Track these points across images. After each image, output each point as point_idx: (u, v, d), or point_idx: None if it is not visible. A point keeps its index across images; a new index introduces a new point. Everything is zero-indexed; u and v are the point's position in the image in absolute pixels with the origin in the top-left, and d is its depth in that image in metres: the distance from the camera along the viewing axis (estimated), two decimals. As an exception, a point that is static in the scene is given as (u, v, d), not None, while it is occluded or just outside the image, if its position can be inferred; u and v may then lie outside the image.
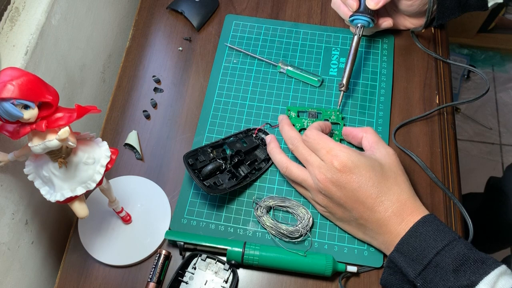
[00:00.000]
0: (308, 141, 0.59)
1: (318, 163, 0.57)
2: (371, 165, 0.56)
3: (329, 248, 0.60)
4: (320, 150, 0.57)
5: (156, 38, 0.78)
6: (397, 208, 0.54)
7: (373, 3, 0.67)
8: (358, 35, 0.68)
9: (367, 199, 0.55)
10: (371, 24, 0.69)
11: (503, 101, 1.76)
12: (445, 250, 0.50)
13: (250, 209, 0.63)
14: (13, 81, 0.40)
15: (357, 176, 0.55)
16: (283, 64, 0.73)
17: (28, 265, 0.60)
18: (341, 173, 0.55)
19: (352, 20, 0.70)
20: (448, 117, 0.70)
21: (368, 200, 0.55)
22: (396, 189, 0.55)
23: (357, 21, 0.69)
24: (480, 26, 1.75)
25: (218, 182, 0.63)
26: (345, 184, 0.55)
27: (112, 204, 0.58)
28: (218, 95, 0.72)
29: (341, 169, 0.55)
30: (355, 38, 0.68)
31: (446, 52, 0.75)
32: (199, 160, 0.64)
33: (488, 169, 1.63)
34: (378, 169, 0.56)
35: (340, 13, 0.73)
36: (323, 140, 0.58)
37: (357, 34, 0.68)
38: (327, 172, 0.56)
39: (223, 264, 0.59)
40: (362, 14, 0.68)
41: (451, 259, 0.50)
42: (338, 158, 0.55)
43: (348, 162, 0.55)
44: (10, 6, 0.57)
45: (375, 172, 0.55)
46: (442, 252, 0.50)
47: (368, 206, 0.55)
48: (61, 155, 0.46)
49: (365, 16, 0.68)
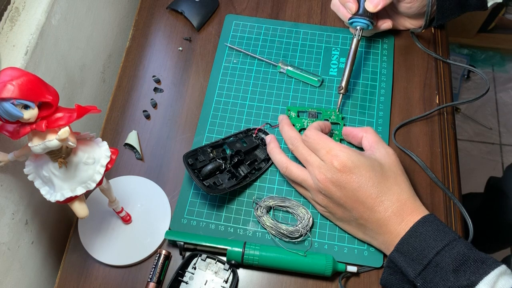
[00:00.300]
0: (308, 141, 0.59)
1: (318, 163, 0.57)
2: (371, 165, 0.56)
3: (329, 248, 0.60)
4: (320, 150, 0.57)
5: (156, 38, 0.78)
6: (397, 208, 0.54)
7: (372, 6, 0.67)
8: (357, 37, 0.68)
9: (367, 199, 0.55)
10: (370, 27, 0.69)
11: (503, 101, 1.76)
12: (445, 250, 0.50)
13: (250, 209, 0.63)
14: (13, 81, 0.40)
15: (357, 176, 0.55)
16: (283, 64, 0.73)
17: (28, 265, 0.60)
18: (341, 173, 0.55)
19: (351, 23, 0.70)
20: (448, 117, 0.70)
21: (368, 200, 0.55)
22: (396, 189, 0.55)
23: (356, 24, 0.69)
24: (480, 26, 1.75)
25: (218, 182, 0.63)
26: (345, 184, 0.55)
27: (112, 204, 0.58)
28: (218, 95, 0.72)
29: (341, 169, 0.55)
30: (354, 41, 0.68)
31: (446, 52, 0.75)
32: (199, 160, 0.63)
33: (488, 169, 1.63)
34: (378, 169, 0.56)
35: (339, 15, 0.74)
36: (323, 140, 0.58)
37: (356, 36, 0.68)
38: (327, 172, 0.56)
39: (223, 264, 0.59)
40: (361, 17, 0.68)
41: (451, 259, 0.50)
42: (338, 158, 0.55)
43: (348, 162, 0.55)
44: (10, 6, 0.57)
45: (375, 172, 0.55)
46: (442, 252, 0.50)
47: (368, 206, 0.55)
48: (61, 155, 0.46)
49: (364, 19, 0.68)
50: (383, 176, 0.56)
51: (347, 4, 0.69)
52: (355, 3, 0.68)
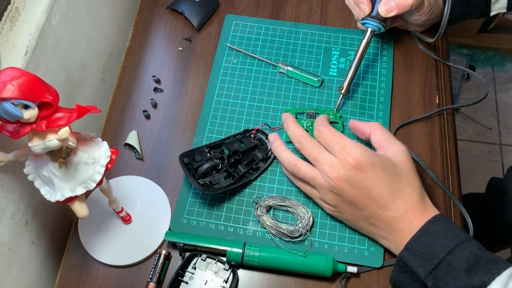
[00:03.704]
0: (321, 136, 0.58)
1: (330, 160, 0.56)
2: (384, 164, 0.55)
3: (329, 248, 0.60)
4: (333, 146, 0.56)
5: (156, 38, 0.78)
6: (408, 207, 0.54)
7: (385, 10, 0.66)
8: (367, 39, 0.67)
9: (380, 198, 0.54)
10: (382, 30, 0.68)
11: (503, 101, 1.76)
12: (457, 250, 0.50)
13: (250, 208, 0.63)
14: (13, 81, 0.40)
15: (372, 175, 0.54)
16: (283, 64, 0.73)
17: (28, 265, 0.60)
18: (355, 171, 0.54)
19: (363, 23, 0.69)
20: (448, 117, 0.70)
21: (381, 199, 0.54)
22: (408, 189, 0.55)
23: (368, 26, 0.68)
24: (480, 26, 1.75)
25: (214, 181, 0.63)
26: (359, 183, 0.54)
27: (112, 204, 0.58)
28: (218, 95, 0.72)
29: (355, 167, 0.54)
30: (363, 42, 0.67)
31: (446, 55, 0.75)
32: (195, 160, 0.64)
33: (488, 169, 1.63)
34: (390, 168, 0.55)
35: (354, 12, 0.73)
36: (337, 136, 0.57)
37: (365, 38, 0.67)
38: (341, 170, 0.55)
39: (223, 264, 0.59)
40: (373, 20, 0.67)
41: (464, 258, 0.49)
42: (353, 155, 0.54)
43: (362, 160, 0.54)
44: (10, 6, 0.57)
45: (388, 171, 0.55)
46: (454, 251, 0.50)
47: (380, 205, 0.54)
48: (61, 155, 0.46)
49: (376, 21, 0.67)
50: (396, 175, 0.55)
51: (361, 6, 0.68)
52: (369, 5, 0.67)
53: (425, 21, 0.70)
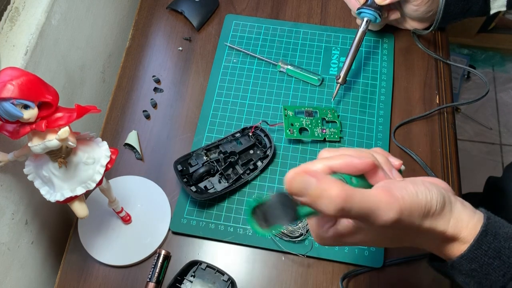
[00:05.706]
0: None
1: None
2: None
3: (329, 248, 0.60)
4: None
5: (156, 38, 0.78)
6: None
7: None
8: (363, 28, 0.68)
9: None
10: (378, 19, 0.68)
11: (503, 101, 1.76)
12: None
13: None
14: (13, 81, 0.40)
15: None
16: (283, 63, 0.73)
17: (28, 265, 0.60)
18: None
19: (359, 13, 0.69)
20: (448, 117, 0.70)
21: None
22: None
23: (364, 15, 0.68)
24: (480, 26, 1.75)
25: (209, 186, 0.63)
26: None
27: (112, 204, 0.58)
28: (218, 94, 0.72)
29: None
30: (359, 31, 0.68)
31: (446, 53, 0.75)
32: (191, 164, 0.64)
33: (488, 169, 1.63)
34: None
35: (349, 5, 0.73)
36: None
37: (361, 27, 0.68)
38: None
39: (222, 275, 0.58)
40: (369, 8, 0.68)
41: None
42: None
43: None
44: (10, 6, 0.57)
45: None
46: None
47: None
48: (61, 155, 0.46)
49: (372, 10, 0.67)
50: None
51: None
52: None
53: (424, 13, 0.70)
